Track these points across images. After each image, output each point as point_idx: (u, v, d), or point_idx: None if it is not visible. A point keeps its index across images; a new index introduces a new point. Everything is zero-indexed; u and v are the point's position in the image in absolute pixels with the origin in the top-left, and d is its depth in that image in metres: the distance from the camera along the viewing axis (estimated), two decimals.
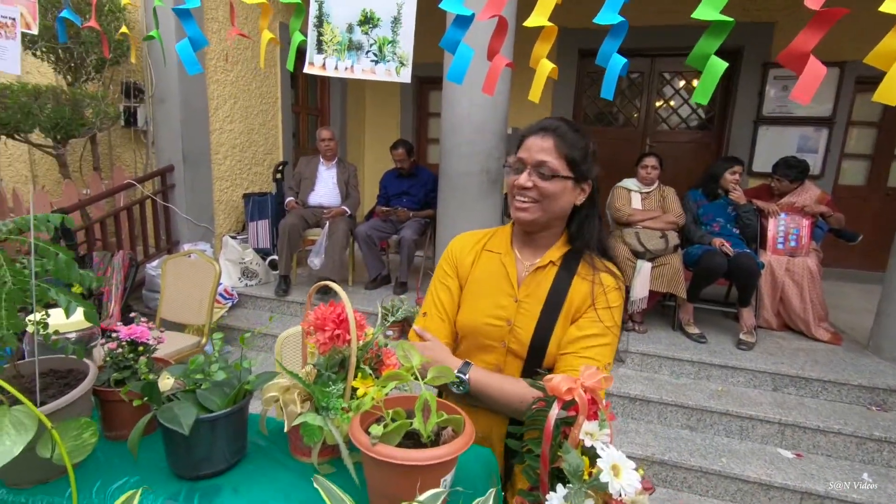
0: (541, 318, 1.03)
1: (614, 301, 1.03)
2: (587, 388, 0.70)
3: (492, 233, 1.17)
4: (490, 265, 1.11)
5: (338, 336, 0.78)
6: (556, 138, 0.98)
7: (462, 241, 1.17)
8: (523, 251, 1.10)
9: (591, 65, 5.45)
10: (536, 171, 0.98)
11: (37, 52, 3.30)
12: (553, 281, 1.04)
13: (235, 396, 0.78)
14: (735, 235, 3.23)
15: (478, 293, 1.10)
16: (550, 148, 0.98)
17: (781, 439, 2.48)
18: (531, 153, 0.99)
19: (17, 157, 4.25)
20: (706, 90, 1.57)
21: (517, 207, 1.02)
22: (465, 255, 1.14)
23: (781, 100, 4.94)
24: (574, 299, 1.02)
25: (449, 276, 1.15)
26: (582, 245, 1.05)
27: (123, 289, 3.02)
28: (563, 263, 1.05)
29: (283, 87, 4.80)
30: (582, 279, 1.03)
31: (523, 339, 1.04)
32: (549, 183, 0.98)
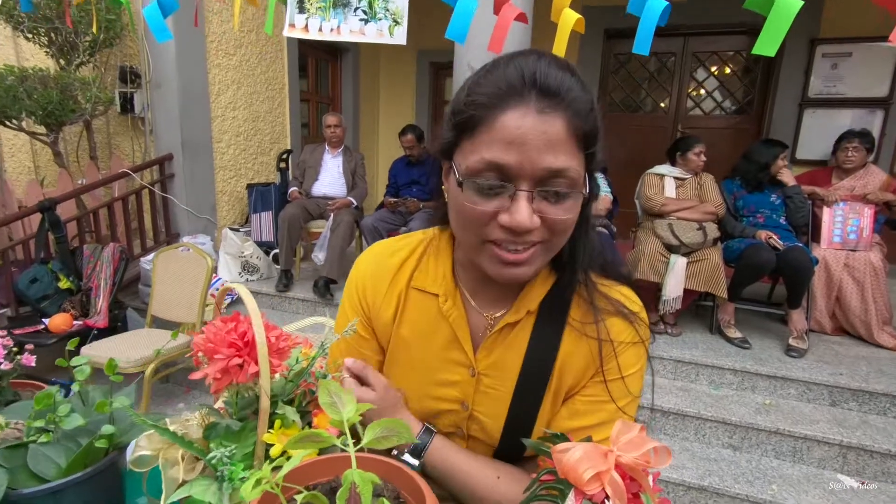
0: (515, 402, 0.65)
1: (633, 362, 0.64)
2: (626, 467, 0.41)
3: (420, 249, 0.71)
4: (423, 316, 0.69)
5: (238, 368, 0.51)
6: (566, 112, 0.51)
7: (375, 269, 0.72)
8: (480, 293, 0.68)
9: (619, 46, 5.07)
10: (542, 192, 0.52)
11: (28, 35, 3.14)
12: (530, 340, 0.65)
13: (86, 455, 0.52)
14: (783, 227, 2.86)
15: (409, 362, 0.70)
16: (563, 136, 0.51)
17: (843, 464, 2.13)
18: (527, 154, 0.50)
19: (20, 147, 4.13)
20: (773, 38, 1.25)
21: (506, 261, 0.55)
22: (381, 301, 0.71)
23: (830, 79, 4.49)
24: (567, 367, 0.65)
25: (363, 336, 0.73)
26: (574, 272, 0.64)
27: (112, 284, 2.84)
28: (546, 310, 0.65)
29: (290, 73, 4.58)
30: (577, 333, 0.64)
31: (491, 429, 0.67)
32: (569, 209, 0.53)
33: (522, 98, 0.50)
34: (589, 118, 0.53)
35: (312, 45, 4.96)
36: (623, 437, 0.43)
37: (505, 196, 0.52)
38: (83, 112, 3.10)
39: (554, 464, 0.45)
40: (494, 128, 0.51)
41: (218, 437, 0.53)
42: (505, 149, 0.50)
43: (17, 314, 2.80)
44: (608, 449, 0.41)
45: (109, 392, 0.59)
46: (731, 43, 4.77)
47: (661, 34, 4.94)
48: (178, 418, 0.58)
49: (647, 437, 0.42)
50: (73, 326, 2.67)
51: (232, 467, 0.49)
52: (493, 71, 0.54)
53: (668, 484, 2.08)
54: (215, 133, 3.87)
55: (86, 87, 3.04)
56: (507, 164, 0.50)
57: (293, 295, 3.34)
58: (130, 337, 2.60)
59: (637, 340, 0.64)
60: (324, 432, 0.44)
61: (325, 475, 0.50)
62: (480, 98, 0.52)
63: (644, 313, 0.67)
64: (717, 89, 4.92)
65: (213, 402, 0.64)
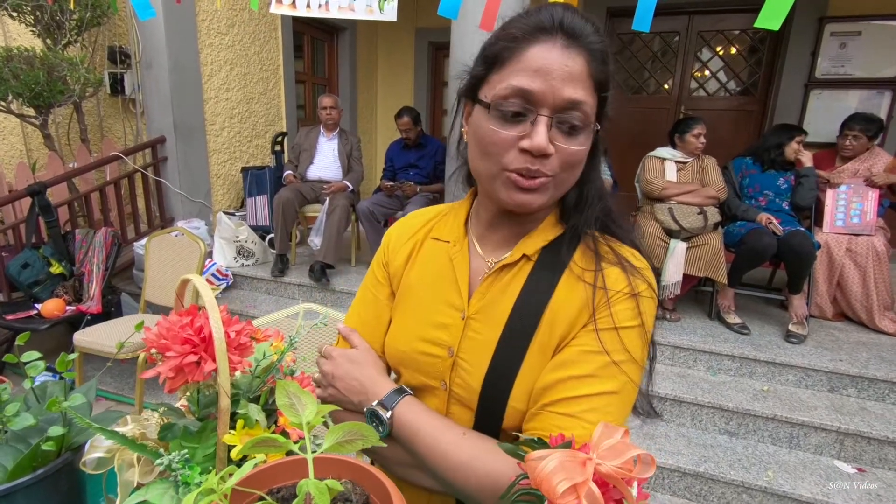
0: (498, 350, 0.62)
1: (630, 316, 0.59)
2: (605, 476, 0.38)
3: (446, 210, 0.77)
4: (432, 262, 0.72)
5: (194, 366, 0.47)
6: (587, 53, 0.56)
7: (401, 227, 0.79)
8: (486, 238, 0.69)
9: (622, 26, 4.95)
10: (559, 121, 0.56)
11: (13, 14, 3.05)
12: (523, 287, 0.63)
13: (33, 458, 0.49)
14: (785, 211, 2.81)
15: (410, 305, 0.72)
16: (583, 73, 0.56)
17: (840, 450, 2.12)
18: (551, 83, 0.54)
19: (11, 130, 4.06)
20: (777, 11, 1.19)
21: (522, 187, 0.57)
22: (400, 247, 0.76)
23: (839, 59, 4.38)
24: (558, 317, 0.61)
25: (378, 281, 0.77)
26: (581, 223, 0.64)
27: (105, 269, 2.81)
28: (544, 257, 0.65)
29: (285, 54, 4.48)
30: (575, 279, 0.62)
31: (471, 380, 0.64)
32: (581, 143, 0.57)
33: (550, 35, 0.56)
34: (605, 64, 0.58)
35: (307, 24, 4.85)
36: (604, 443, 0.40)
37: (527, 123, 0.56)
38: (72, 93, 3.03)
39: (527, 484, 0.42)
40: (523, 58, 0.56)
41: (175, 438, 0.49)
42: (531, 76, 0.55)
43: (10, 299, 2.78)
44: (586, 457, 0.38)
45: (65, 387, 0.56)
46: (738, 22, 4.64)
47: (665, 12, 4.81)
48: (138, 416, 0.55)
49: (630, 443, 0.39)
50: (66, 312, 2.65)
51: (187, 471, 0.46)
52: (525, 14, 0.59)
53: (663, 470, 2.07)
54: (208, 115, 3.80)
55: (73, 68, 2.96)
56: (532, 90, 0.55)
57: (289, 280, 3.31)
58: (123, 322, 2.58)
59: (634, 292, 0.60)
60: (280, 437, 0.41)
61: (291, 478, 0.47)
62: (513, 32, 0.57)
63: (650, 273, 0.63)
64: (722, 70, 4.81)
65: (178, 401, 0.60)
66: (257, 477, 0.44)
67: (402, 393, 0.65)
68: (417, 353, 0.69)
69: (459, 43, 2.60)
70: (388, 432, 0.62)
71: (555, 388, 0.58)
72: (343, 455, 0.46)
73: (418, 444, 0.60)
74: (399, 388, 0.66)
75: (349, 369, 0.68)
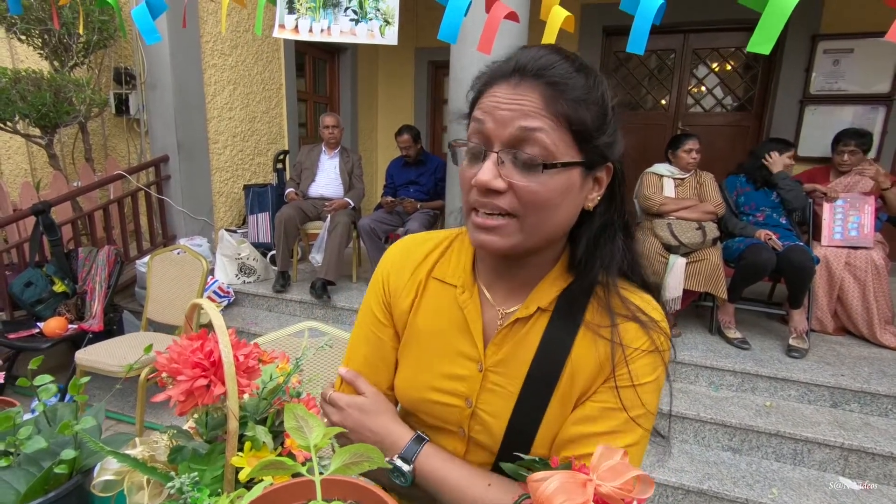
0: (521, 402, 0.63)
1: (647, 372, 0.61)
2: (605, 497, 0.39)
3: (445, 243, 0.73)
4: (440, 307, 0.70)
5: (204, 389, 0.48)
6: (545, 87, 0.53)
7: (400, 262, 0.74)
8: (495, 287, 0.68)
9: (618, 44, 5.03)
10: (512, 155, 0.54)
11: (21, 37, 3.11)
12: (542, 339, 0.63)
13: (45, 481, 0.50)
14: (783, 226, 2.83)
15: (420, 352, 0.70)
16: (536, 107, 0.53)
17: (844, 466, 2.11)
18: (498, 118, 0.54)
19: (16, 149, 4.12)
20: (768, 36, 1.22)
21: (478, 226, 0.58)
22: (402, 289, 0.72)
23: (832, 76, 4.44)
24: (578, 370, 0.62)
25: (381, 322, 0.73)
26: (594, 275, 0.63)
27: (107, 287, 2.82)
28: (560, 308, 0.64)
29: (287, 73, 4.55)
30: (592, 335, 0.62)
31: (493, 429, 0.65)
32: (537, 180, 0.54)
33: (505, 78, 0.56)
34: (574, 96, 0.54)
35: (309, 44, 4.93)
36: (604, 464, 0.41)
37: (481, 160, 0.57)
38: (77, 114, 3.08)
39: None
40: (481, 101, 0.58)
41: (184, 460, 0.50)
42: (483, 115, 0.57)
43: (12, 318, 2.79)
44: (587, 478, 0.39)
45: (76, 409, 0.57)
46: (732, 39, 4.73)
47: (661, 31, 4.88)
48: (147, 438, 0.56)
49: (629, 464, 0.40)
50: (68, 330, 2.65)
51: (197, 494, 0.47)
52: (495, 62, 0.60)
53: (666, 488, 2.05)
54: (211, 134, 3.85)
55: (80, 89, 3.01)
56: (482, 128, 0.56)
57: (290, 297, 3.32)
58: (126, 340, 2.58)
59: (652, 349, 0.62)
60: (288, 460, 0.42)
61: (296, 500, 0.48)
62: (480, 79, 0.60)
63: (665, 323, 0.64)
64: (718, 86, 4.88)
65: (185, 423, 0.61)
66: (265, 499, 0.45)
67: (421, 441, 0.66)
68: (432, 402, 0.68)
69: (459, 62, 2.65)
70: (410, 482, 0.63)
71: (578, 442, 0.61)
72: (349, 477, 0.47)
73: (444, 495, 0.62)
74: (417, 435, 0.67)
75: (361, 420, 0.67)
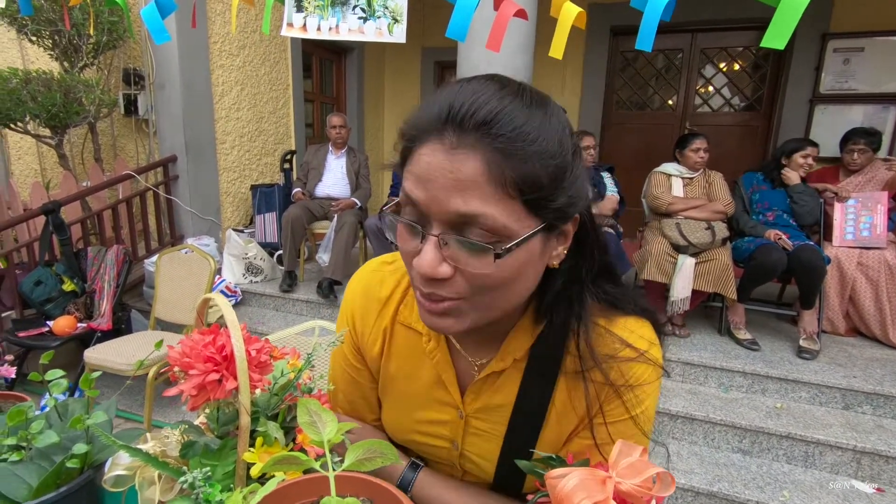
0: (507, 443, 0.61)
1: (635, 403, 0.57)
2: (625, 494, 0.38)
3: (406, 281, 0.67)
4: (410, 356, 0.66)
5: (216, 383, 0.48)
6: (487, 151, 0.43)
7: (362, 304, 0.69)
8: (463, 340, 0.64)
9: (626, 43, 5.01)
10: (457, 235, 0.45)
11: (32, 38, 3.14)
12: (521, 386, 0.60)
13: (57, 475, 0.49)
14: (793, 227, 2.80)
15: (398, 398, 0.69)
16: (478, 179, 0.43)
17: (857, 469, 2.08)
18: (434, 193, 0.44)
19: (27, 150, 4.15)
20: (782, 31, 1.20)
21: (428, 310, 0.50)
22: (369, 334, 0.68)
23: (842, 75, 4.40)
24: (564, 412, 0.60)
25: (355, 366, 0.71)
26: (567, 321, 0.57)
27: (116, 286, 2.84)
28: (535, 357, 0.59)
29: (294, 74, 4.57)
30: (573, 381, 0.58)
31: (485, 468, 0.64)
32: (487, 263, 0.45)
33: (438, 132, 0.45)
34: (525, 156, 0.43)
35: (316, 45, 4.95)
36: (623, 461, 0.40)
37: (419, 237, 0.48)
38: (87, 114, 3.10)
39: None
40: (413, 160, 0.47)
41: (196, 455, 0.50)
42: (416, 183, 0.46)
43: (22, 316, 2.81)
44: (606, 475, 0.38)
45: (87, 404, 0.56)
46: (741, 39, 4.69)
47: (668, 30, 4.87)
48: (158, 434, 0.56)
49: (649, 461, 0.39)
50: (77, 329, 2.67)
51: (209, 489, 0.46)
52: (428, 102, 0.48)
53: (676, 490, 2.03)
54: (219, 134, 3.86)
55: (89, 90, 3.03)
56: (418, 201, 0.46)
57: (297, 296, 3.33)
58: (134, 339, 2.60)
59: (640, 383, 0.57)
60: (302, 455, 0.41)
61: (308, 496, 0.48)
62: (409, 130, 0.48)
63: (656, 349, 0.59)
64: (726, 86, 4.85)
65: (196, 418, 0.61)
66: (279, 494, 0.44)
67: (416, 468, 0.65)
68: (419, 443, 0.68)
69: (466, 62, 2.64)
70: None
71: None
72: (362, 473, 0.47)
73: None
74: (412, 462, 0.66)
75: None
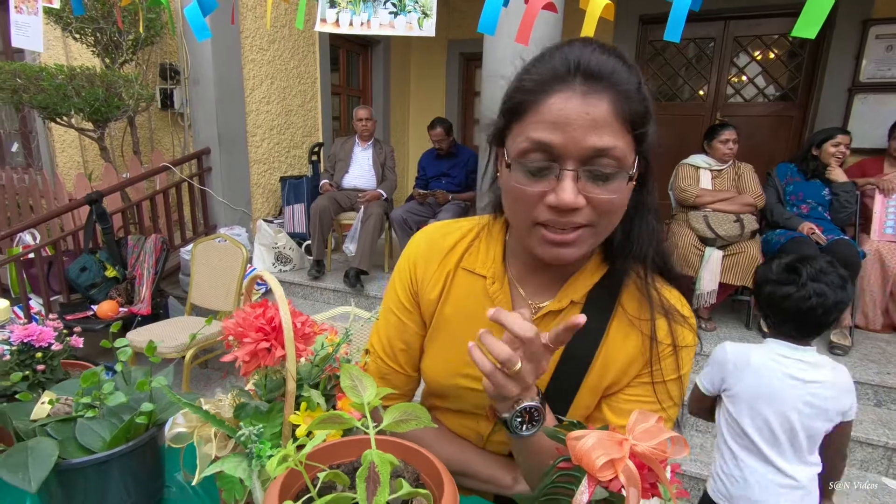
0: (550, 389, 0.64)
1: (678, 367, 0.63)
2: (640, 456, 0.41)
3: (472, 234, 0.72)
4: (469, 297, 0.69)
5: (266, 351, 0.53)
6: (612, 94, 0.52)
7: (428, 248, 0.73)
8: (526, 281, 0.68)
9: (655, 33, 4.91)
10: (589, 170, 0.52)
11: (76, 35, 3.29)
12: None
13: (128, 430, 0.55)
14: (827, 220, 2.73)
15: (449, 340, 0.70)
16: (608, 117, 0.51)
17: (888, 467, 2.04)
18: (572, 135, 0.51)
19: (70, 143, 4.36)
20: (814, 19, 1.19)
21: (553, 242, 0.56)
22: (430, 279, 0.71)
23: (884, 63, 4.23)
24: (611, 360, 0.63)
25: (407, 308, 0.73)
26: (629, 262, 0.63)
27: (154, 273, 2.97)
28: (592, 300, 0.64)
29: (321, 67, 4.65)
30: (627, 326, 0.63)
31: None
32: (616, 190, 0.53)
33: (566, 83, 0.52)
34: (635, 99, 0.53)
35: (343, 39, 5.01)
36: (639, 427, 0.43)
37: (551, 177, 0.53)
38: (127, 108, 3.24)
39: (568, 465, 0.45)
40: (540, 110, 0.53)
41: (247, 416, 0.55)
42: (550, 129, 0.52)
43: (69, 301, 2.97)
44: (623, 437, 0.41)
45: (149, 372, 0.63)
46: (776, 26, 4.55)
47: (700, 18, 4.71)
48: (212, 399, 0.62)
49: (663, 426, 0.42)
50: (119, 313, 2.81)
51: (260, 445, 0.52)
52: (541, 59, 0.56)
53: (699, 481, 2.04)
54: (250, 127, 3.97)
55: (129, 85, 3.17)
56: (553, 144, 0.52)
57: (324, 285, 3.42)
58: (171, 324, 2.72)
59: (684, 345, 0.63)
60: (345, 414, 0.46)
61: (348, 456, 0.52)
62: (528, 84, 0.54)
63: (693, 320, 0.65)
64: (760, 75, 4.71)
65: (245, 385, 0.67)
66: (319, 453, 0.49)
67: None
68: (461, 387, 0.69)
69: (492, 54, 2.65)
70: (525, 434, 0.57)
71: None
72: (399, 439, 0.51)
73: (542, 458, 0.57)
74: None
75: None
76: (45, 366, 0.67)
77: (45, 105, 2.97)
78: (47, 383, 0.67)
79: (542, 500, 0.46)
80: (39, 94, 2.92)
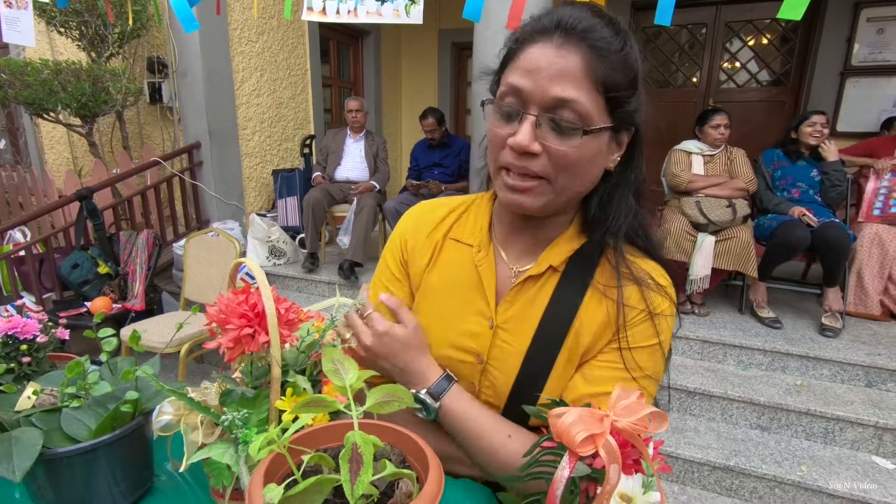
0: (528, 359, 0.66)
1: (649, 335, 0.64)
2: (622, 432, 0.42)
3: (462, 208, 0.76)
4: (456, 265, 0.72)
5: (249, 337, 0.53)
6: (587, 50, 0.54)
7: (417, 221, 0.76)
8: (510, 245, 0.70)
9: (647, 19, 4.89)
10: (549, 119, 0.55)
11: (61, 29, 3.24)
12: (551, 297, 0.65)
13: (113, 419, 0.55)
14: (818, 203, 2.74)
15: (435, 308, 0.72)
16: (577, 71, 0.53)
17: (878, 445, 2.07)
18: (539, 82, 0.54)
19: (58, 139, 4.30)
20: (799, 1, 1.19)
21: (510, 187, 0.59)
22: (419, 248, 0.74)
23: (876, 46, 4.22)
24: (584, 328, 0.64)
25: (396, 277, 0.76)
26: (605, 236, 0.65)
27: (147, 268, 2.96)
28: (571, 269, 0.66)
29: (312, 59, 4.60)
30: (600, 295, 0.65)
31: (500, 386, 0.67)
32: (573, 144, 0.55)
33: (547, 34, 0.55)
34: (613, 60, 0.55)
35: (334, 29, 4.96)
36: (621, 403, 0.43)
37: (517, 121, 0.56)
38: (115, 103, 3.20)
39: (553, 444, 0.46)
40: (520, 58, 0.57)
41: (233, 403, 0.55)
42: (523, 74, 0.56)
43: (62, 298, 2.96)
44: (604, 413, 0.42)
45: (135, 362, 0.62)
46: (768, 10, 4.53)
47: (692, 4, 4.70)
48: (198, 387, 0.62)
49: (645, 402, 0.43)
50: (113, 309, 2.80)
51: (246, 431, 0.52)
52: (536, 17, 0.60)
53: (692, 464, 2.06)
54: (240, 120, 3.94)
55: (116, 79, 3.13)
56: (521, 88, 0.55)
57: (319, 278, 3.41)
58: (165, 319, 2.72)
59: (656, 312, 0.63)
60: (328, 397, 0.46)
61: (335, 440, 0.53)
62: (520, 35, 0.59)
63: (672, 290, 0.66)
64: (752, 60, 4.70)
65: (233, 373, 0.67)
66: (305, 438, 0.49)
67: (451, 381, 0.66)
68: (446, 357, 0.70)
69: (482, 43, 2.63)
70: (433, 418, 0.65)
71: (584, 402, 0.61)
72: (384, 422, 0.51)
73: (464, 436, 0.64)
74: (447, 374, 0.67)
75: (395, 350, 0.65)
76: (31, 358, 0.66)
77: (32, 101, 2.93)
78: (33, 375, 0.67)
79: (526, 479, 0.46)
80: (25, 90, 2.88)
